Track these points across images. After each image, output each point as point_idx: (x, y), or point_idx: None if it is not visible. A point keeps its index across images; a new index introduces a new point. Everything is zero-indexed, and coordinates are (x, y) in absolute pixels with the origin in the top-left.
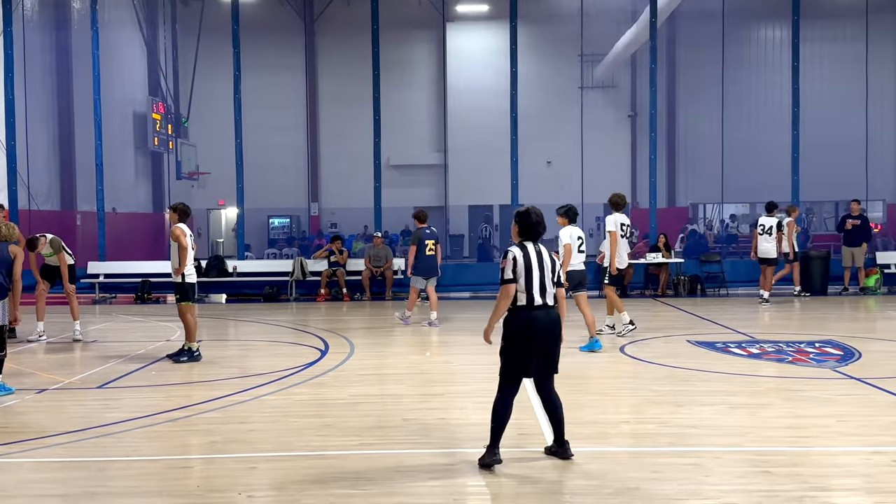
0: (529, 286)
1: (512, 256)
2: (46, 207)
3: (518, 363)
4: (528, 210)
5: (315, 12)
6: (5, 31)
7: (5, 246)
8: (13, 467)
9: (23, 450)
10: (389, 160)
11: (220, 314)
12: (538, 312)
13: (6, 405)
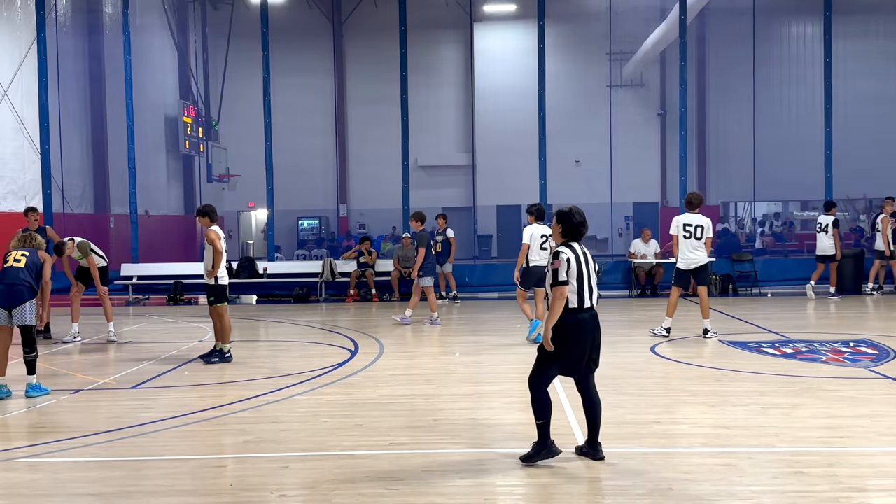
0: (581, 288)
1: (566, 258)
2: (80, 210)
3: (574, 363)
4: (571, 210)
5: (343, 15)
6: (39, 37)
7: (35, 251)
8: (50, 467)
9: (59, 449)
10: (417, 161)
11: (250, 315)
12: (587, 314)
13: (42, 405)
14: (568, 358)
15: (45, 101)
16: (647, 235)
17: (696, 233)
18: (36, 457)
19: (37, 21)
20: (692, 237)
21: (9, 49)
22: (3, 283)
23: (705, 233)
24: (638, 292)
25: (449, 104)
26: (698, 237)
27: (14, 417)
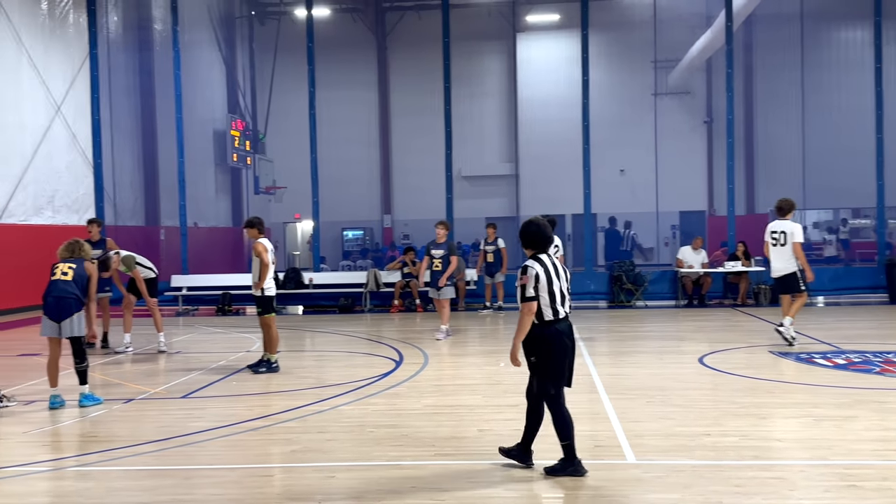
0: (553, 300)
1: (534, 273)
2: (132, 223)
3: (559, 375)
4: (533, 221)
5: (387, 27)
6: (91, 53)
7: (82, 262)
8: (102, 475)
9: (111, 458)
10: (461, 171)
11: (296, 325)
12: (564, 324)
13: (94, 415)
14: (555, 370)
15: (97, 117)
16: (699, 244)
17: (780, 239)
18: (88, 466)
19: (89, 38)
20: (777, 244)
21: (62, 66)
22: (52, 295)
23: (789, 239)
24: (685, 302)
25: (492, 114)
26: (783, 244)
27: (67, 427)
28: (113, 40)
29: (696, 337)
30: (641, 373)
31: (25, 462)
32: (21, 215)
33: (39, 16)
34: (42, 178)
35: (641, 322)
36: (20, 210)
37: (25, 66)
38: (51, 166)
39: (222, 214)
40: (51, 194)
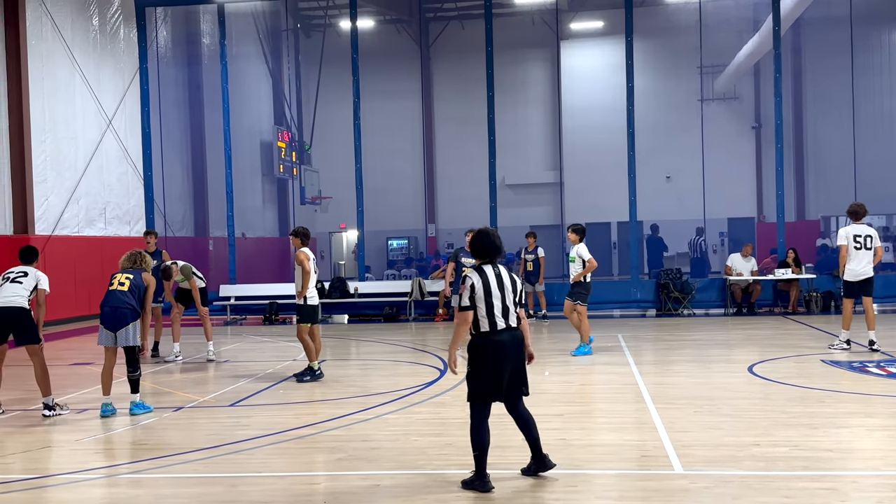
0: (490, 311)
1: (470, 283)
2: (181, 234)
3: (487, 388)
4: (480, 231)
5: (430, 37)
6: (141, 68)
7: (140, 273)
8: (152, 483)
9: (161, 465)
10: (504, 180)
11: (342, 334)
12: (503, 336)
13: (145, 423)
14: (482, 380)
15: (147, 130)
16: (748, 251)
17: (865, 243)
18: (139, 473)
19: (139, 53)
20: (862, 248)
21: (113, 80)
22: (109, 305)
23: (874, 242)
24: (734, 310)
25: (536, 122)
26: (868, 247)
27: (118, 435)
28: (162, 55)
29: (746, 345)
30: (689, 382)
31: (78, 469)
32: (74, 227)
33: (91, 32)
34: (94, 190)
35: (689, 330)
36: (73, 222)
37: (78, 81)
38: (102, 179)
39: (269, 225)
40: (102, 206)
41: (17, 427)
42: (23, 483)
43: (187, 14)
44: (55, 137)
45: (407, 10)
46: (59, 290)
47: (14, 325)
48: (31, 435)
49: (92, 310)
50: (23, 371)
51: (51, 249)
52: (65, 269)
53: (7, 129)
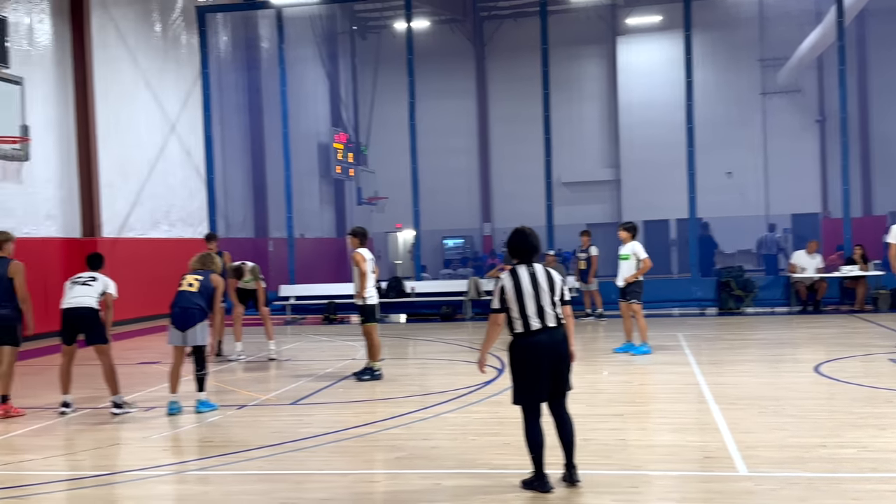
0: (523, 312)
1: (500, 286)
2: (242, 235)
3: (527, 389)
4: (518, 230)
5: (485, 36)
6: (203, 73)
7: (209, 274)
8: (219, 479)
9: (227, 462)
10: (560, 178)
11: (399, 333)
12: (539, 337)
13: (211, 420)
14: (521, 382)
15: (209, 134)
16: (814, 247)
17: None
18: (206, 470)
19: (200, 59)
20: None
21: (176, 86)
22: (178, 306)
23: None
24: (799, 308)
25: (592, 119)
26: None
27: (185, 432)
28: (223, 60)
29: (812, 344)
30: (753, 382)
31: (146, 466)
32: (140, 229)
33: (153, 38)
34: (158, 193)
35: (752, 329)
36: (139, 224)
37: (142, 87)
38: (166, 182)
39: (327, 225)
40: (167, 209)
41: (87, 425)
42: (93, 479)
43: (246, 19)
44: (120, 142)
45: (461, 10)
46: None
47: (83, 325)
48: (100, 432)
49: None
50: (92, 370)
51: (117, 252)
52: (130, 271)
53: (75, 134)
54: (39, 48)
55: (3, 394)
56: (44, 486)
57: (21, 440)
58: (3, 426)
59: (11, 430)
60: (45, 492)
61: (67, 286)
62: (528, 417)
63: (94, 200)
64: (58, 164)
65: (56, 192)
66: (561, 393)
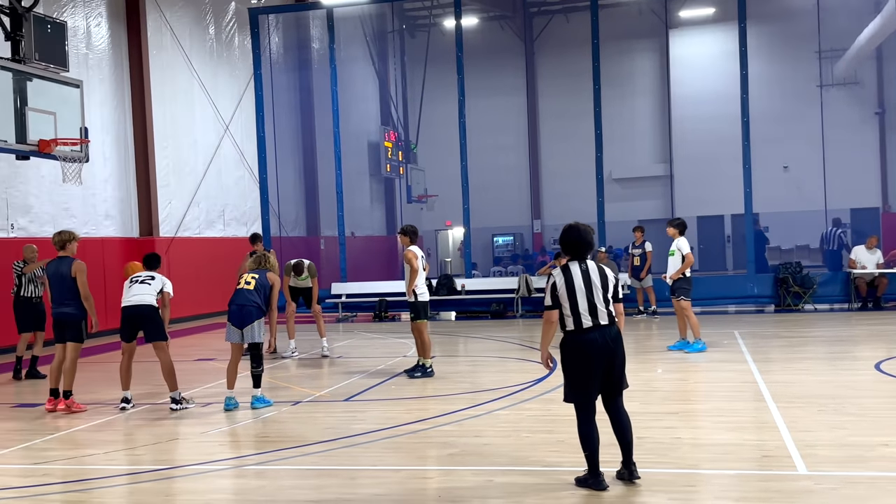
0: (575, 309)
1: (552, 283)
2: (294, 234)
3: (579, 387)
4: (570, 226)
5: (534, 32)
6: (255, 74)
7: (265, 273)
8: (274, 474)
9: (282, 458)
10: (612, 174)
11: (450, 331)
12: (591, 334)
13: (266, 416)
14: (574, 379)
15: (261, 134)
16: (873, 242)
17: None
18: (262, 464)
19: (253, 60)
20: None
21: (230, 87)
22: (235, 303)
23: None
24: (858, 305)
25: (644, 114)
26: None
27: (242, 427)
28: (275, 60)
29: (872, 341)
30: (812, 380)
31: (204, 461)
32: (195, 229)
33: (208, 40)
34: (213, 193)
35: (811, 326)
36: (194, 224)
37: (196, 88)
38: (221, 182)
39: (377, 223)
40: (221, 208)
41: (146, 420)
42: (153, 473)
43: (297, 20)
44: (176, 143)
45: (510, 6)
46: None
47: (143, 322)
48: (159, 427)
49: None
50: (150, 367)
51: (174, 251)
52: (186, 270)
53: (132, 135)
54: (97, 51)
55: (66, 389)
56: (106, 480)
57: (83, 435)
58: (66, 421)
59: (74, 425)
60: (106, 486)
61: (126, 285)
62: (581, 415)
63: (152, 200)
64: (115, 165)
65: (114, 192)
66: (617, 391)
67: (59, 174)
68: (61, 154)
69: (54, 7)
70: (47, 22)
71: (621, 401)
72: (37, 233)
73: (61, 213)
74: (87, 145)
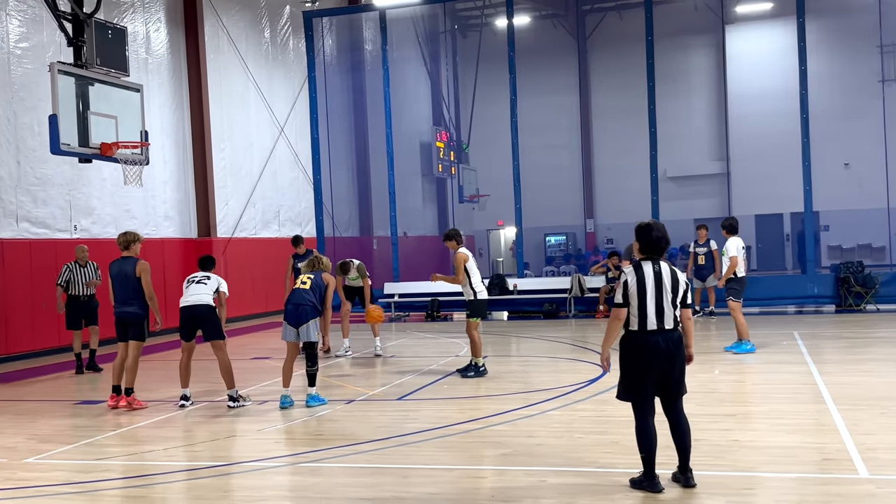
0: (643, 310)
1: (625, 280)
2: (347, 234)
3: (634, 386)
4: (648, 224)
5: (587, 30)
6: (309, 76)
7: (320, 274)
8: (328, 471)
9: (336, 455)
10: (666, 172)
11: (502, 331)
12: (653, 337)
13: (320, 414)
14: (631, 379)
15: (315, 135)
16: None
17: None
18: (317, 462)
19: (307, 62)
20: None
21: (284, 90)
22: (292, 303)
23: None
24: None
25: (700, 111)
26: None
27: (297, 425)
28: (328, 62)
29: None
30: (874, 381)
31: (261, 458)
32: (251, 229)
33: (263, 44)
34: (269, 194)
35: (873, 327)
36: (251, 224)
37: (252, 91)
38: (276, 183)
39: (429, 223)
40: (276, 209)
41: (205, 417)
42: (212, 469)
43: (351, 22)
44: (233, 145)
45: (563, 5)
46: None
47: (201, 322)
48: (217, 424)
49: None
50: (208, 365)
51: (230, 251)
52: (243, 270)
53: (190, 138)
54: (156, 56)
55: (128, 387)
56: (165, 476)
57: (144, 431)
58: (128, 418)
59: (135, 422)
60: (166, 481)
61: (185, 285)
62: (638, 416)
63: (209, 201)
64: (175, 168)
65: (173, 194)
66: (675, 396)
67: (120, 177)
68: (122, 157)
69: (115, 13)
70: (108, 28)
71: (681, 405)
72: (99, 234)
73: (122, 215)
74: (148, 148)
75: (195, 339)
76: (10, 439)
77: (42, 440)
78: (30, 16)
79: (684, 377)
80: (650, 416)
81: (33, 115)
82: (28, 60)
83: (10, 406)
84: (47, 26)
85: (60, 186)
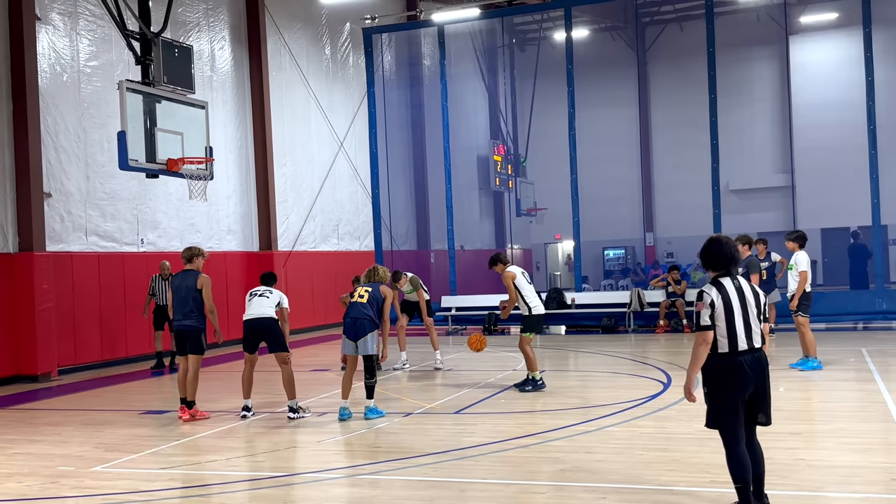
0: (732, 330)
1: (709, 300)
2: (405, 248)
3: (729, 412)
4: (718, 239)
5: (647, 42)
6: (368, 91)
7: (378, 287)
8: (387, 484)
9: (394, 468)
10: (728, 185)
11: (560, 345)
12: (744, 357)
13: (378, 427)
14: (722, 404)
15: (374, 150)
16: None
17: None
18: (375, 474)
19: (367, 78)
20: None
21: (344, 104)
22: (350, 316)
23: None
24: None
25: (763, 123)
26: None
27: (356, 437)
28: (387, 78)
29: None
30: None
31: (320, 469)
32: (311, 243)
33: (323, 61)
34: (328, 208)
35: None
36: (310, 238)
37: (313, 107)
38: (335, 198)
39: (486, 237)
40: (335, 223)
41: (266, 428)
42: (273, 480)
43: (409, 38)
44: (293, 160)
45: (622, 17)
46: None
47: (265, 334)
48: (278, 435)
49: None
50: (268, 376)
51: (291, 264)
52: (303, 283)
53: (253, 153)
54: (220, 73)
55: (190, 399)
56: (227, 486)
57: (206, 441)
58: (190, 428)
59: (197, 433)
60: (228, 491)
61: (247, 299)
62: (730, 443)
63: (271, 215)
64: (237, 182)
65: (236, 208)
66: (753, 421)
67: (185, 191)
68: (188, 172)
69: (181, 32)
70: (174, 46)
71: (755, 429)
72: (165, 247)
73: (187, 229)
74: (212, 164)
75: (258, 352)
76: (78, 448)
77: (108, 449)
78: (99, 35)
79: (770, 401)
80: (743, 441)
81: (102, 132)
82: (97, 78)
83: (78, 415)
84: (116, 45)
85: (128, 201)
